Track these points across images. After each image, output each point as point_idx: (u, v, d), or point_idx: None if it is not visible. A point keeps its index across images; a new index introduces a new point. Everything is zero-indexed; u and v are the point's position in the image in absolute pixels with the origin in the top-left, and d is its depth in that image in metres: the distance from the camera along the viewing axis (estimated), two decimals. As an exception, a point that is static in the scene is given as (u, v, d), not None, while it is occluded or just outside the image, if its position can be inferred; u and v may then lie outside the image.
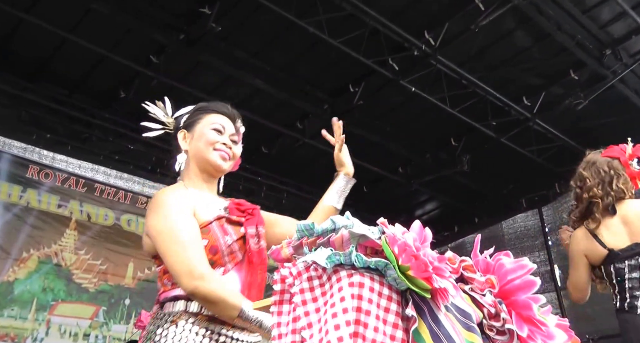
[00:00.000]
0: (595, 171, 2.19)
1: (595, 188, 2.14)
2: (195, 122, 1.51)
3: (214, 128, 1.49)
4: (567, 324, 1.34)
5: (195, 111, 1.55)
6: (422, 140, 6.30)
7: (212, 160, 1.47)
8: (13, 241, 5.28)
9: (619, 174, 2.15)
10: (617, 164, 2.19)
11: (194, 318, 1.24)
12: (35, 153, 5.57)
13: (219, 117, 1.52)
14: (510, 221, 7.35)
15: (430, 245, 1.05)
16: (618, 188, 2.12)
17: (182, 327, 1.22)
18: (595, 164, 2.22)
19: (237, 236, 1.36)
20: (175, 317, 1.24)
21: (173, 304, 1.28)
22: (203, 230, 1.32)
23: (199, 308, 1.25)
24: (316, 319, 0.97)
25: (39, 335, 5.12)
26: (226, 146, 1.48)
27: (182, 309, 1.26)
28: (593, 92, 5.20)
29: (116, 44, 4.82)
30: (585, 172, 2.22)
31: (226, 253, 1.32)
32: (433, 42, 4.80)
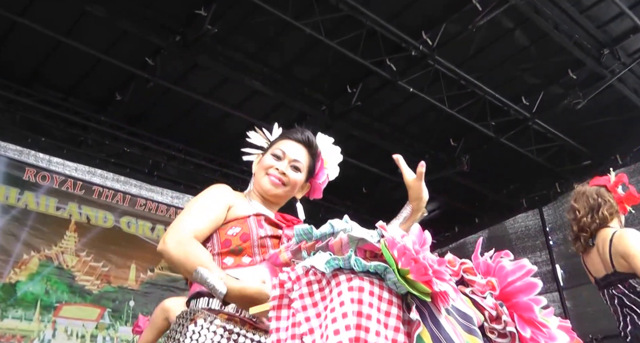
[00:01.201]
0: (586, 200, 2.30)
1: (584, 217, 2.26)
2: (269, 148, 1.54)
3: (274, 154, 1.50)
4: (569, 326, 1.33)
5: (277, 138, 1.57)
6: (420, 141, 6.30)
7: (263, 184, 1.48)
8: (13, 243, 5.28)
9: (605, 201, 2.26)
10: (604, 191, 2.30)
11: (214, 316, 1.24)
12: (31, 156, 5.56)
13: (288, 144, 1.52)
14: (511, 221, 7.34)
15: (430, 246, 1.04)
16: (602, 215, 2.23)
17: (200, 325, 1.22)
18: (585, 193, 2.34)
19: (272, 234, 1.37)
20: (195, 314, 1.24)
21: (197, 301, 1.29)
22: (239, 221, 1.36)
23: (219, 305, 1.26)
24: (317, 324, 0.96)
25: (45, 337, 5.13)
26: (279, 171, 1.47)
27: (204, 306, 1.27)
28: (592, 92, 5.20)
29: (111, 46, 4.80)
30: (577, 204, 2.34)
31: (257, 244, 1.32)
32: (431, 42, 4.79)
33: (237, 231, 1.33)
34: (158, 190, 6.26)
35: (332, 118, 5.63)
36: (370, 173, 6.50)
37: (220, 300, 1.20)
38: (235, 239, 1.32)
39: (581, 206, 2.30)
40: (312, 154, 1.55)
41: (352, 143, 6.15)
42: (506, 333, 1.11)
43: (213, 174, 6.03)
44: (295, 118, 5.75)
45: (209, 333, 1.21)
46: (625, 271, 2.10)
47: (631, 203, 2.29)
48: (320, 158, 1.60)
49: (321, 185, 1.62)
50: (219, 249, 1.33)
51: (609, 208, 2.24)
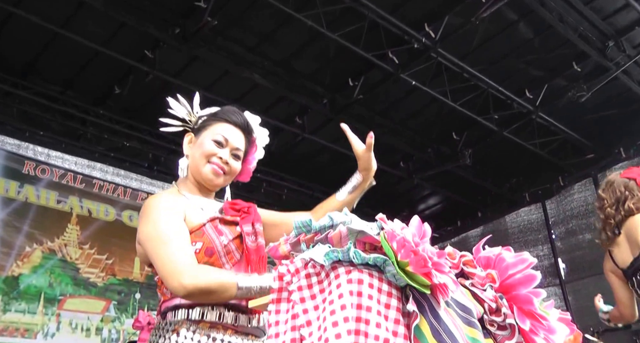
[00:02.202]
0: (613, 191, 2.32)
1: (609, 208, 2.28)
2: (204, 128, 1.45)
3: (215, 140, 1.43)
4: (568, 318, 1.33)
5: (210, 116, 1.49)
6: (423, 134, 6.27)
7: (204, 173, 1.42)
8: (14, 236, 5.28)
9: (633, 195, 2.27)
10: (632, 185, 2.30)
11: (195, 326, 1.23)
12: (30, 149, 5.55)
13: (228, 128, 1.45)
14: (514, 215, 7.33)
15: (432, 240, 1.04)
16: (629, 207, 2.24)
17: (183, 336, 1.21)
18: (613, 184, 2.35)
19: (233, 236, 1.34)
20: (177, 325, 1.23)
21: (174, 313, 1.27)
22: (196, 233, 1.30)
23: (200, 315, 1.24)
24: (315, 317, 0.96)
25: (49, 330, 5.13)
26: (222, 160, 1.42)
27: (184, 318, 1.25)
28: (596, 85, 5.16)
29: (109, 39, 4.77)
30: (604, 193, 2.35)
31: (223, 253, 1.30)
32: (433, 34, 4.76)
33: (200, 247, 1.28)
34: (159, 184, 6.26)
35: (333, 112, 5.61)
36: (372, 167, 6.49)
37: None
38: (200, 256, 1.27)
39: (608, 196, 2.31)
40: (249, 140, 1.51)
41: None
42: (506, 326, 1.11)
43: (213, 168, 6.01)
44: (296, 112, 5.73)
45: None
46: None
47: None
48: (255, 144, 1.56)
49: (251, 169, 1.58)
50: None
51: (636, 202, 2.25)
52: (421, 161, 6.55)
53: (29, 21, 4.39)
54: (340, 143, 6.13)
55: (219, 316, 1.25)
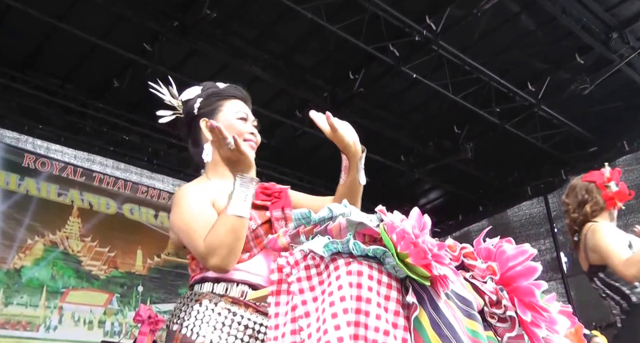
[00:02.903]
0: (575, 195, 2.38)
1: (573, 212, 2.35)
2: (217, 109, 1.46)
3: (240, 117, 1.45)
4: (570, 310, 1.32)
5: (211, 96, 1.49)
6: (424, 128, 6.26)
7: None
8: (16, 229, 5.29)
9: (591, 197, 2.32)
10: (592, 187, 2.36)
11: (218, 298, 1.27)
12: (29, 143, 5.57)
13: (239, 104, 1.49)
14: (516, 209, 7.33)
15: (434, 234, 1.03)
16: (585, 211, 2.31)
17: (205, 306, 1.26)
18: (575, 189, 2.40)
19: (262, 221, 1.35)
20: (200, 296, 1.28)
21: (201, 285, 1.31)
22: None
23: (224, 290, 1.29)
24: (313, 308, 0.96)
25: (52, 323, 5.15)
26: (253, 135, 1.46)
27: (208, 290, 1.29)
28: (599, 77, 5.13)
29: (108, 32, 4.75)
30: (567, 199, 2.41)
31: (251, 238, 1.32)
32: (434, 27, 4.73)
33: None
34: (159, 178, 6.27)
35: (334, 105, 5.59)
36: (373, 161, 6.47)
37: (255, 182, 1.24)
38: None
39: (571, 201, 2.38)
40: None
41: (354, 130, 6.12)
42: (506, 318, 1.10)
43: (213, 162, 6.00)
44: (297, 105, 5.71)
45: (213, 314, 1.25)
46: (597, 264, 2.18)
47: (622, 200, 2.35)
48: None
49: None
50: None
51: (593, 205, 2.30)
52: (422, 155, 6.54)
53: (28, 14, 4.37)
54: (341, 136, 6.12)
55: (242, 293, 1.29)
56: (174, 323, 1.28)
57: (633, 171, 6.24)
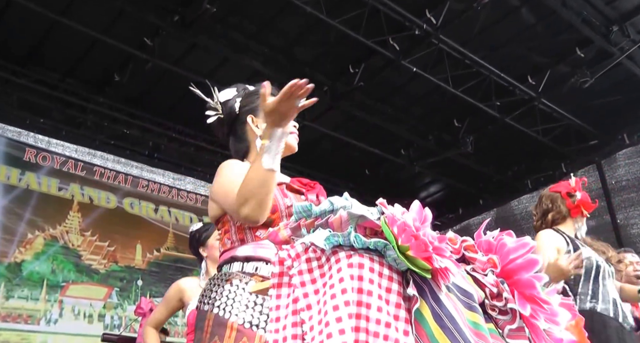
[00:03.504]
0: (540, 205, 2.50)
1: (537, 221, 2.47)
2: (253, 105, 1.55)
3: None
4: (571, 303, 1.33)
5: (250, 95, 1.57)
6: (424, 121, 6.25)
7: (292, 145, 1.54)
8: (16, 223, 5.30)
9: (554, 206, 2.43)
10: (556, 197, 2.46)
11: (248, 278, 1.29)
12: (30, 137, 5.56)
13: None
14: (516, 202, 7.33)
15: (434, 228, 1.03)
16: (547, 219, 2.43)
17: (236, 285, 1.27)
18: (542, 198, 2.52)
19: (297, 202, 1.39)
20: (230, 276, 1.29)
21: (230, 265, 1.33)
22: None
23: (254, 269, 1.30)
24: (315, 301, 0.96)
25: (52, 316, 5.17)
26: (296, 128, 1.57)
27: (238, 270, 1.31)
28: (599, 70, 5.12)
29: (109, 26, 4.73)
30: (534, 209, 2.54)
31: (285, 214, 1.35)
32: (434, 21, 4.72)
33: None
34: (160, 172, 6.27)
35: (334, 99, 5.58)
36: (373, 155, 6.47)
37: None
38: None
39: (536, 211, 2.50)
40: None
41: (354, 124, 6.11)
42: (507, 310, 1.11)
43: (214, 156, 6.01)
44: (298, 99, 5.70)
45: (244, 294, 1.26)
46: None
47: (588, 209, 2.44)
48: None
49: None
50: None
51: (556, 214, 2.41)
52: (422, 148, 6.54)
53: (29, 9, 4.36)
54: (340, 130, 6.11)
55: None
56: (205, 303, 1.29)
57: (634, 164, 6.24)
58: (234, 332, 1.22)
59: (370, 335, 0.87)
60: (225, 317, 1.24)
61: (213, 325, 1.24)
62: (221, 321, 1.23)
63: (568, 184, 2.51)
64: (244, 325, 1.22)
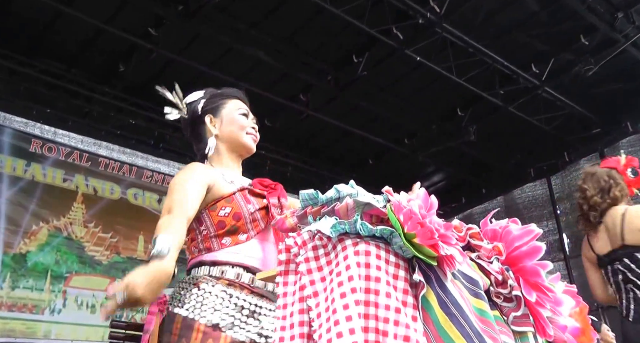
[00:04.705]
0: (596, 181, 2.38)
1: (595, 197, 2.35)
2: (220, 107, 1.58)
3: (242, 113, 1.58)
4: (575, 290, 1.34)
5: (214, 97, 1.60)
6: (427, 111, 6.22)
7: (247, 143, 1.56)
8: (22, 214, 5.33)
9: (617, 183, 2.34)
10: (615, 174, 2.38)
11: (215, 281, 1.33)
12: (37, 128, 5.56)
13: (241, 103, 1.60)
14: (518, 191, 7.33)
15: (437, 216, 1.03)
16: (614, 195, 2.32)
17: (203, 289, 1.32)
18: (595, 175, 2.41)
19: (260, 206, 1.44)
20: (198, 280, 1.34)
21: (198, 269, 1.37)
22: (227, 199, 1.40)
23: (220, 272, 1.35)
24: (322, 288, 0.96)
25: (56, 307, 5.24)
26: (254, 130, 1.59)
27: (205, 273, 1.35)
28: (604, 58, 5.07)
29: (113, 16, 4.71)
30: (586, 184, 2.41)
31: (249, 220, 1.40)
32: (438, 9, 4.67)
33: (228, 211, 1.39)
34: (164, 162, 6.28)
35: (337, 89, 5.56)
36: (376, 144, 6.46)
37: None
38: (228, 219, 1.38)
39: (590, 187, 2.37)
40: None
41: (358, 114, 6.09)
42: (512, 298, 1.12)
43: (219, 146, 6.00)
44: (301, 89, 5.69)
45: (211, 296, 1.31)
46: (635, 244, 2.17)
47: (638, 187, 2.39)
48: None
49: None
50: (215, 231, 1.38)
51: (621, 190, 2.33)
52: (425, 137, 6.52)
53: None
54: (344, 120, 6.10)
55: (237, 275, 1.35)
56: (174, 306, 1.33)
57: (637, 153, 6.20)
58: (200, 334, 1.26)
59: (380, 321, 0.88)
60: (193, 319, 1.28)
61: (181, 328, 1.28)
62: (188, 323, 1.28)
63: (619, 160, 2.44)
64: (211, 327, 1.27)
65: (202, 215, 1.39)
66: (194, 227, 1.40)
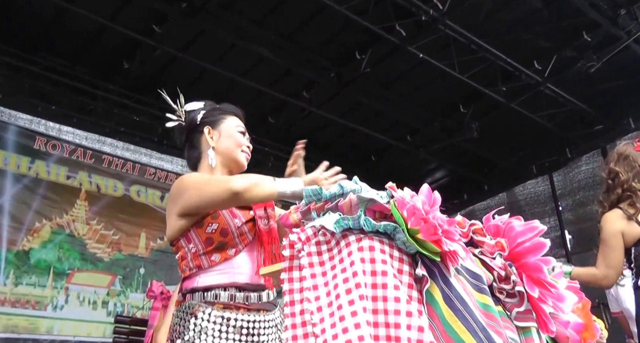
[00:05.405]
0: (628, 164, 2.31)
1: (630, 180, 2.28)
2: (220, 121, 1.60)
3: (240, 131, 1.61)
4: (577, 286, 1.34)
5: (214, 110, 1.64)
6: (430, 107, 6.22)
7: (240, 161, 1.59)
8: (25, 212, 5.37)
9: None
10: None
11: (210, 307, 1.36)
12: (42, 125, 5.59)
13: (238, 121, 1.63)
14: (520, 188, 7.33)
15: (439, 210, 1.04)
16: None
17: (200, 318, 1.34)
18: (628, 158, 2.33)
19: (246, 219, 1.46)
20: (194, 308, 1.36)
21: (192, 295, 1.40)
22: (213, 215, 1.41)
23: (214, 297, 1.37)
24: (322, 282, 0.97)
25: (58, 303, 5.29)
26: (249, 149, 1.62)
27: (200, 300, 1.38)
28: (606, 54, 5.06)
29: (117, 13, 4.73)
30: (617, 167, 2.33)
31: (236, 234, 1.42)
32: (441, 6, 4.67)
33: (215, 227, 1.40)
34: (168, 159, 6.29)
35: (340, 85, 5.56)
36: (379, 141, 6.46)
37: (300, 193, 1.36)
38: (215, 236, 1.40)
39: (623, 170, 2.30)
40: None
41: (360, 111, 6.09)
42: (515, 293, 1.12)
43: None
44: (303, 86, 5.69)
45: (209, 324, 1.34)
46: None
47: None
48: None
49: None
50: (204, 248, 1.39)
51: None
52: (428, 134, 6.52)
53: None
54: (347, 116, 6.10)
55: (231, 297, 1.38)
56: (176, 337, 1.36)
57: (639, 150, 6.20)
58: None
59: (390, 314, 0.88)
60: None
61: None
62: None
63: None
64: None
65: (190, 233, 1.40)
66: (183, 245, 1.42)
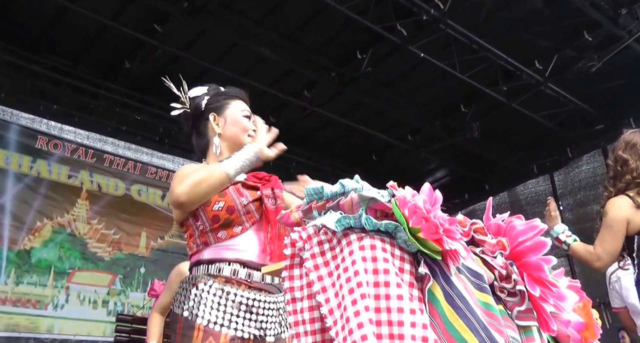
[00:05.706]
0: (636, 153, 2.29)
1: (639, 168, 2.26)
2: (224, 106, 1.59)
3: (245, 115, 1.60)
4: (578, 285, 1.34)
5: (218, 95, 1.62)
6: (431, 107, 6.22)
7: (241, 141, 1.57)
8: (26, 211, 5.37)
9: None
10: None
11: (212, 280, 1.37)
12: (44, 124, 5.59)
13: (243, 104, 1.62)
14: (521, 187, 7.32)
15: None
16: None
17: (201, 289, 1.36)
18: (636, 146, 2.31)
19: (253, 198, 1.47)
20: (196, 280, 1.38)
21: (196, 268, 1.42)
22: (220, 194, 1.43)
23: (217, 270, 1.39)
24: (330, 283, 0.97)
25: (59, 302, 5.29)
26: (255, 132, 1.59)
27: (203, 272, 1.40)
28: (607, 54, 5.06)
29: (119, 13, 4.74)
30: (625, 154, 2.31)
31: (243, 212, 1.43)
32: (442, 6, 4.67)
33: (222, 205, 1.41)
34: (169, 158, 6.30)
35: (341, 85, 5.56)
36: (380, 140, 6.47)
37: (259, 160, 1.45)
38: (222, 213, 1.41)
39: (630, 157, 2.28)
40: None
41: (361, 110, 6.09)
42: (516, 292, 1.12)
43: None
44: (304, 85, 5.69)
45: (209, 295, 1.35)
46: None
47: None
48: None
49: None
50: (211, 225, 1.41)
51: None
52: (428, 134, 6.52)
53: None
54: (348, 116, 6.10)
55: (233, 272, 1.40)
56: (177, 307, 1.38)
57: (640, 149, 6.19)
58: (200, 333, 1.32)
59: (393, 312, 0.88)
60: (193, 319, 1.34)
61: (184, 328, 1.34)
62: (190, 323, 1.33)
63: None
64: (209, 325, 1.32)
65: (198, 211, 1.42)
66: (191, 223, 1.43)
